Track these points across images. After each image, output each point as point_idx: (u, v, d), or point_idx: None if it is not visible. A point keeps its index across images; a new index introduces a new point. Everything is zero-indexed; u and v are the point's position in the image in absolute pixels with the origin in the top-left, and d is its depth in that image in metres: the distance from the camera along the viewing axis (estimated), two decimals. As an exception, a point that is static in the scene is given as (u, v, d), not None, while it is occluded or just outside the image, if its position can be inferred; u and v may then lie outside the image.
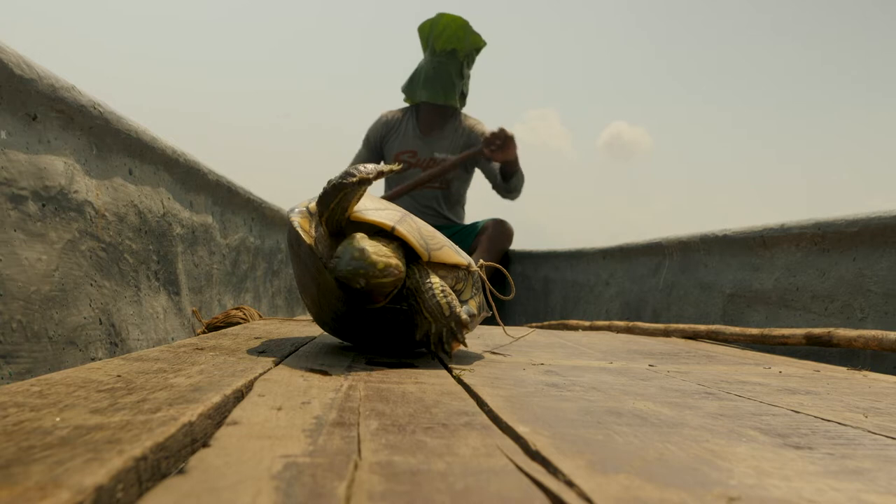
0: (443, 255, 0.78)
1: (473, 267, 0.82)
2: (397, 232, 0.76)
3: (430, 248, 0.77)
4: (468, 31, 2.71)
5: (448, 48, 2.69)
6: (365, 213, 0.77)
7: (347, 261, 0.69)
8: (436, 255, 0.77)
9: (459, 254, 0.82)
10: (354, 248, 0.69)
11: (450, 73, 2.71)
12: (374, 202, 0.81)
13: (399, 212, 0.81)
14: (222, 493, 0.27)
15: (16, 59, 0.82)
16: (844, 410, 0.57)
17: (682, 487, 0.31)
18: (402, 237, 0.76)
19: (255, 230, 1.87)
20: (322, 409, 0.44)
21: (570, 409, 0.50)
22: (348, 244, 0.70)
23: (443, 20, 2.71)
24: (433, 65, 2.72)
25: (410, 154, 2.78)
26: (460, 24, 2.70)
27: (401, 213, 0.81)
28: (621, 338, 1.44)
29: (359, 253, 0.69)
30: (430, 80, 2.71)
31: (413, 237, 0.76)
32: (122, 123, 1.08)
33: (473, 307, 0.80)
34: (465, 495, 0.28)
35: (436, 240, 0.79)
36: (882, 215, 1.29)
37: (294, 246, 0.80)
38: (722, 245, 1.73)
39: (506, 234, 2.69)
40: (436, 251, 0.77)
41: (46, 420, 0.36)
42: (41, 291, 0.84)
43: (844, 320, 1.34)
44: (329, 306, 0.77)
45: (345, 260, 0.69)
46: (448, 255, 0.78)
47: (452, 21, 2.70)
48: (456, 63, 2.72)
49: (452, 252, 0.80)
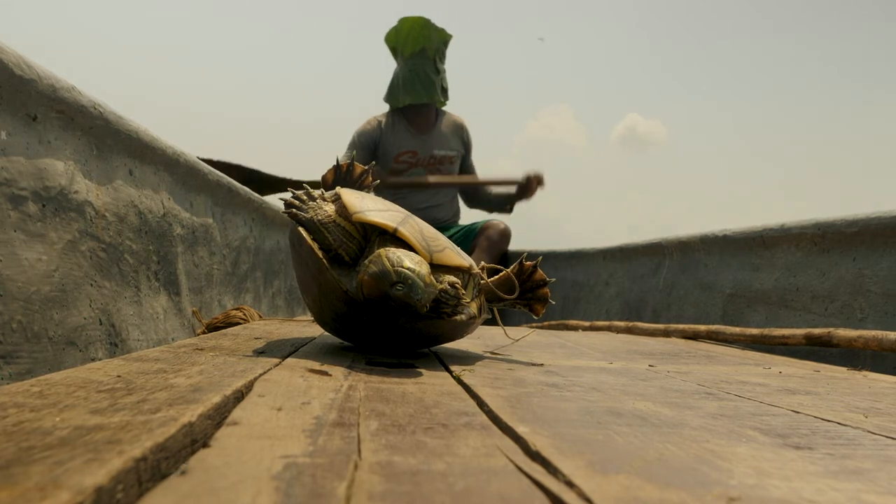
0: (445, 257, 0.78)
1: (475, 269, 0.82)
2: (399, 233, 0.76)
3: (433, 250, 0.77)
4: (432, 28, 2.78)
5: (417, 49, 2.76)
6: (367, 213, 0.77)
7: (422, 290, 0.68)
8: (438, 257, 0.77)
9: (461, 256, 0.81)
10: (422, 274, 0.68)
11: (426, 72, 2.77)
12: (375, 202, 0.81)
13: (401, 213, 0.81)
14: (222, 493, 0.27)
15: (16, 59, 0.82)
16: (844, 410, 0.57)
17: (682, 487, 0.31)
18: (404, 238, 0.76)
19: (255, 230, 1.87)
20: (322, 410, 0.44)
21: (570, 409, 0.50)
22: (406, 269, 0.68)
23: (406, 24, 2.79)
24: (408, 68, 2.78)
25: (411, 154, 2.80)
26: (422, 23, 2.78)
27: (403, 214, 0.81)
28: (621, 338, 1.44)
29: (429, 279, 0.69)
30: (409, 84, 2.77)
31: (415, 239, 0.76)
32: (123, 124, 1.08)
33: (474, 309, 0.80)
34: (465, 495, 0.28)
35: (438, 242, 0.79)
36: (882, 215, 1.29)
37: (296, 245, 0.80)
38: (722, 245, 1.73)
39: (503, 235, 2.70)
40: (438, 253, 0.77)
41: (46, 420, 0.36)
42: (41, 292, 0.84)
43: (844, 320, 1.34)
44: (330, 306, 0.77)
45: (418, 289, 0.67)
46: (450, 258, 0.78)
47: (415, 22, 2.78)
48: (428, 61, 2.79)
49: (454, 254, 0.80)
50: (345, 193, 0.81)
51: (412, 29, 2.76)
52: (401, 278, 0.68)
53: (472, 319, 0.79)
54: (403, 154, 2.80)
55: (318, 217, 0.78)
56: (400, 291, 0.68)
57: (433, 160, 2.78)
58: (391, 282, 0.68)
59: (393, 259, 0.69)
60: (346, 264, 0.77)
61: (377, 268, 0.70)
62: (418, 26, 2.76)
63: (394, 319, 0.73)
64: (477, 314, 0.81)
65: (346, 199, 0.79)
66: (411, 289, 0.67)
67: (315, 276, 0.76)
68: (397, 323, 0.74)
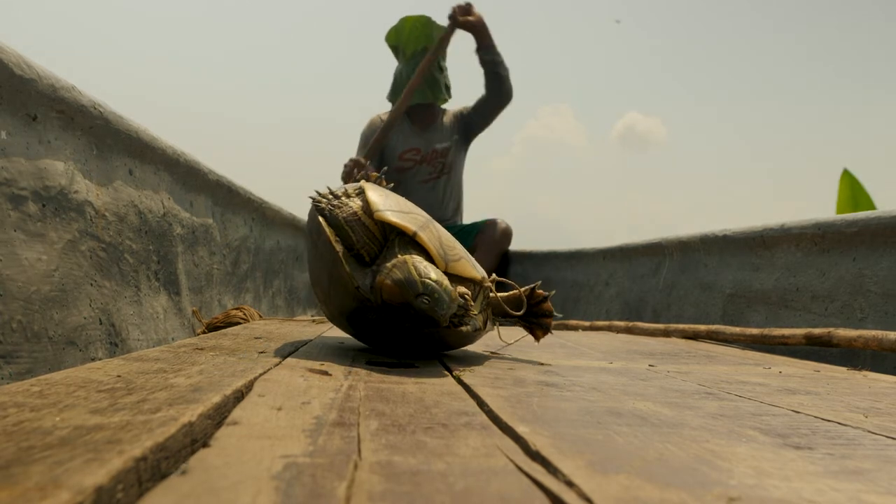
0: (459, 267, 0.77)
1: (486, 282, 0.82)
2: (419, 238, 0.75)
3: (448, 259, 0.77)
4: (433, 27, 2.77)
5: (419, 48, 2.75)
6: (389, 214, 0.77)
7: (447, 304, 0.69)
8: (453, 267, 0.77)
9: (475, 267, 0.81)
10: (448, 289, 0.69)
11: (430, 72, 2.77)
12: (399, 202, 0.81)
13: (422, 216, 0.80)
14: (222, 493, 0.27)
15: (16, 59, 0.82)
16: (844, 410, 0.57)
17: (682, 487, 0.31)
18: (423, 244, 0.75)
19: (256, 230, 1.87)
20: (322, 410, 0.44)
21: (570, 409, 0.50)
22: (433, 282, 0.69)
23: (408, 23, 2.78)
24: (411, 67, 2.77)
25: (415, 152, 2.82)
26: (424, 21, 2.77)
27: (424, 218, 0.80)
28: (621, 338, 1.44)
29: (454, 294, 0.70)
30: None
31: (433, 245, 0.76)
32: (123, 124, 1.08)
33: (480, 322, 0.80)
34: (465, 495, 0.28)
35: (455, 251, 0.79)
36: (882, 215, 1.29)
37: (313, 236, 0.80)
38: (722, 245, 1.73)
39: (505, 234, 2.70)
40: (454, 262, 0.77)
41: (46, 420, 0.36)
42: (41, 291, 0.84)
43: (844, 320, 1.34)
44: (339, 301, 0.77)
45: (444, 303, 0.68)
46: (464, 268, 0.78)
47: (416, 21, 2.77)
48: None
49: (469, 265, 0.79)
50: (369, 189, 0.81)
51: (414, 28, 2.76)
52: (427, 291, 0.68)
53: (477, 331, 0.79)
54: (407, 152, 2.82)
55: (343, 214, 0.77)
56: (425, 304, 0.68)
57: (435, 154, 2.82)
58: (417, 292, 0.68)
59: (420, 269, 0.69)
60: (366, 264, 0.77)
61: (402, 275, 0.69)
62: (420, 25, 2.75)
63: (400, 324, 0.73)
64: (482, 326, 0.81)
65: (370, 195, 0.79)
66: (437, 303, 0.68)
67: (328, 268, 0.76)
68: (403, 327, 0.74)
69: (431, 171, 2.81)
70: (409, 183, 2.80)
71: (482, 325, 0.81)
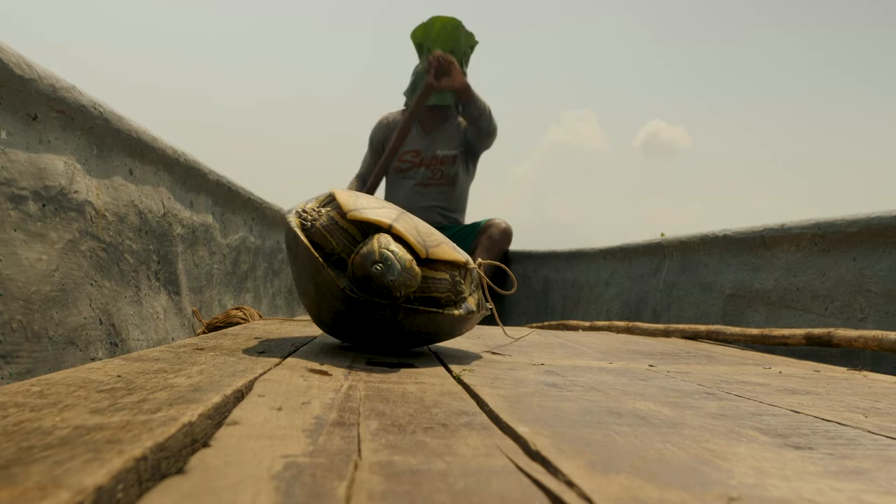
0: (440, 251, 0.78)
1: (472, 264, 0.83)
2: (394, 229, 0.76)
3: (428, 246, 0.77)
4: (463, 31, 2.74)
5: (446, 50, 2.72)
6: (363, 211, 0.77)
7: (399, 272, 0.69)
8: (433, 252, 0.77)
9: (457, 251, 0.82)
10: (403, 258, 0.70)
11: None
12: (370, 200, 0.81)
13: (395, 210, 0.81)
14: (222, 493, 0.27)
15: (16, 59, 0.82)
16: (844, 410, 0.57)
17: (682, 487, 0.31)
18: (400, 235, 0.76)
19: (256, 230, 1.87)
20: (322, 409, 0.44)
21: (570, 409, 0.50)
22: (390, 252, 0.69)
23: (437, 23, 2.74)
24: None
25: (414, 154, 2.81)
26: (455, 24, 2.73)
27: (397, 211, 0.81)
28: (621, 338, 1.44)
29: (409, 264, 0.70)
30: None
31: (410, 235, 0.76)
32: (123, 123, 1.08)
33: (472, 304, 0.80)
34: (465, 495, 0.28)
35: (433, 237, 0.79)
36: (882, 215, 1.29)
37: (292, 247, 0.80)
38: (722, 245, 1.73)
39: (505, 234, 2.70)
40: (433, 248, 0.77)
41: (46, 420, 0.36)
42: (41, 291, 0.84)
43: (844, 320, 1.34)
44: (328, 306, 0.77)
45: (395, 270, 0.69)
46: (446, 252, 0.78)
47: (448, 22, 2.73)
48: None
49: (450, 249, 0.80)
50: (338, 194, 0.81)
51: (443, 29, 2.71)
52: (382, 258, 0.69)
53: (469, 314, 0.79)
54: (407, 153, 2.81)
55: (320, 222, 0.78)
56: (377, 270, 0.69)
57: (435, 160, 2.80)
58: (373, 261, 0.69)
59: (382, 242, 0.71)
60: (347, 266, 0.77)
61: (366, 248, 0.72)
62: (450, 27, 2.71)
63: (393, 316, 0.73)
64: (475, 309, 0.81)
65: (339, 198, 0.80)
66: (389, 269, 0.69)
67: (312, 276, 0.76)
68: (395, 320, 0.74)
69: (429, 176, 2.80)
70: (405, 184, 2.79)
71: (474, 307, 0.81)
